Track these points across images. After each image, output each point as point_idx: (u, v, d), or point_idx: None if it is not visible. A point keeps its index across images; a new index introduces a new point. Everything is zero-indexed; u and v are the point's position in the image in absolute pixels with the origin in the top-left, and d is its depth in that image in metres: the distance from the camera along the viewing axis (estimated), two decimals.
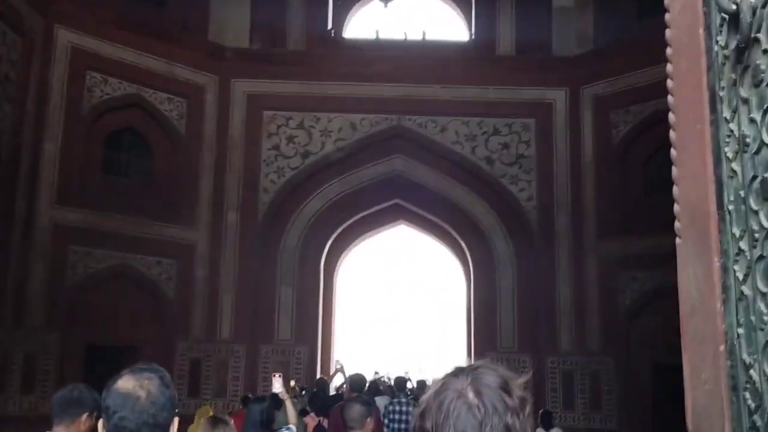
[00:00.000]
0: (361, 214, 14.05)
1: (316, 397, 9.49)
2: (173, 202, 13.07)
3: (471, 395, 1.26)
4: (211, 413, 9.90)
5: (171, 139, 13.33)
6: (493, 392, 1.27)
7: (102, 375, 2.15)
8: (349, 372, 11.23)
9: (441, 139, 13.63)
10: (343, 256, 14.98)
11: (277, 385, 6.03)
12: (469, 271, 13.88)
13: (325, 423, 8.23)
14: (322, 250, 13.77)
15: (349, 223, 14.11)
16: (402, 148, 13.81)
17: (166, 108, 13.24)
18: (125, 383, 1.85)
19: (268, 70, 13.63)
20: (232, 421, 4.18)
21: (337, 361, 11.56)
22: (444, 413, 1.25)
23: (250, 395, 10.11)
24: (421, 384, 13.38)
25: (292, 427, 5.75)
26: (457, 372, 1.31)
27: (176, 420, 1.92)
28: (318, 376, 12.70)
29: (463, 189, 13.68)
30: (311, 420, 8.55)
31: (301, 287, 13.42)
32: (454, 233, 13.97)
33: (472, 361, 1.36)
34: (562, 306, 12.89)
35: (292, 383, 10.21)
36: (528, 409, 1.29)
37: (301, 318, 13.28)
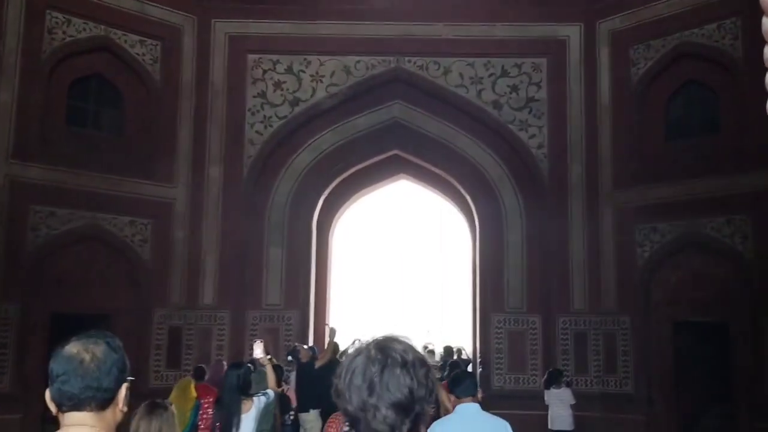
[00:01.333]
0: (356, 167, 12.86)
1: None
2: (148, 156, 11.85)
3: (374, 354, 1.49)
4: (193, 386, 9.00)
5: (144, 87, 12.03)
6: (395, 354, 1.48)
7: None
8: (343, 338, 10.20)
9: (444, 83, 12.38)
10: (338, 214, 13.85)
11: (258, 351, 6.07)
12: (475, 226, 12.80)
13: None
14: (315, 207, 12.62)
15: (343, 177, 12.93)
16: (401, 93, 12.57)
17: (138, 52, 11.91)
18: (70, 348, 1.78)
19: (253, 9, 12.28)
20: (173, 406, 3.96)
21: (329, 326, 10.51)
22: (351, 371, 1.49)
23: (203, 366, 9.52)
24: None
25: (270, 392, 5.70)
26: (369, 341, 1.54)
27: (125, 386, 1.82)
28: (310, 343, 11.71)
29: (468, 137, 12.50)
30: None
31: (292, 248, 12.31)
32: (458, 185, 12.83)
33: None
34: (574, 262, 11.86)
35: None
36: (425, 370, 1.49)
37: (291, 281, 12.21)
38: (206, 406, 6.90)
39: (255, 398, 5.39)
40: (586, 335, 11.74)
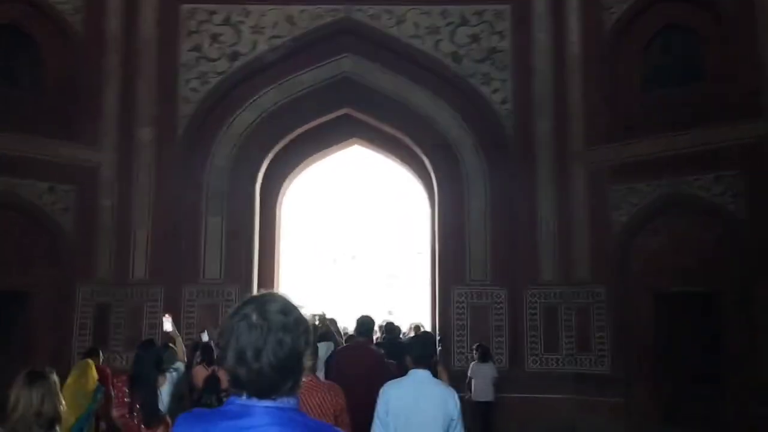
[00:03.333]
0: (304, 128, 11.68)
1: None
2: (70, 116, 10.70)
3: (254, 317, 1.52)
4: (93, 367, 7.89)
5: (65, 40, 10.87)
6: (272, 314, 1.53)
7: None
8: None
9: (397, 33, 11.19)
10: (287, 181, 12.66)
11: (168, 325, 6.29)
12: (433, 191, 11.62)
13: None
14: (257, 172, 11.45)
15: (290, 139, 11.75)
16: (351, 45, 11.39)
17: (56, 0, 10.74)
18: None
19: None
20: (55, 373, 3.58)
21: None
22: (231, 333, 1.53)
23: (97, 348, 8.62)
24: (390, 327, 11.30)
25: (180, 366, 5.79)
26: (248, 299, 1.58)
27: None
28: None
29: (425, 93, 11.32)
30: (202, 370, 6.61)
31: (233, 217, 11.16)
32: (414, 147, 11.65)
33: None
34: (543, 228, 10.70)
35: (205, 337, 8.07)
36: (302, 327, 1.56)
37: (232, 253, 11.06)
38: (120, 384, 6.46)
39: (167, 374, 5.52)
40: (557, 309, 10.60)
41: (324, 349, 6.85)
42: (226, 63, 11.23)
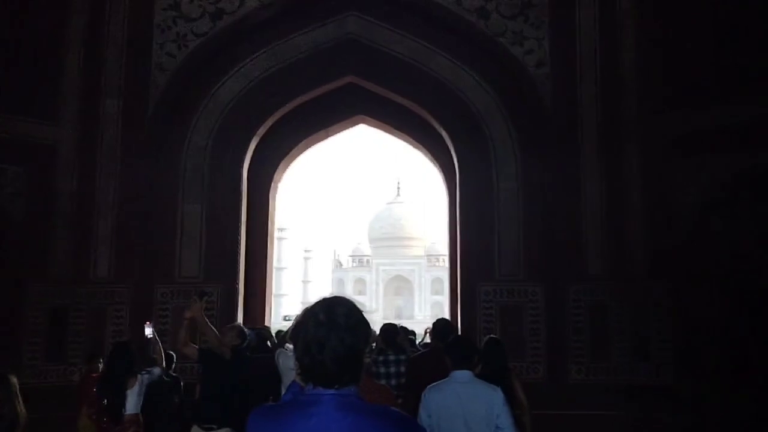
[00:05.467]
0: (300, 100, 9.91)
1: None
2: (22, 85, 8.96)
3: (321, 316, 1.79)
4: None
5: None
6: (338, 316, 1.79)
7: None
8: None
9: None
10: (282, 165, 10.88)
11: (148, 330, 6.21)
12: (454, 173, 9.80)
13: None
14: (245, 152, 9.67)
15: (284, 113, 9.98)
16: (356, 1, 9.66)
17: None
18: None
19: None
20: (15, 378, 3.87)
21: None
22: (300, 330, 1.81)
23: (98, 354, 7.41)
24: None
25: (155, 370, 5.83)
26: (320, 300, 1.86)
27: None
28: (237, 321, 8.74)
29: (446, 57, 9.55)
30: None
31: (214, 204, 9.38)
32: (432, 121, 9.85)
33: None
34: (589, 214, 8.87)
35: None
36: (363, 329, 1.81)
37: (214, 247, 9.27)
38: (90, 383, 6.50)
39: (139, 375, 5.54)
40: (607, 309, 8.73)
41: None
42: (208, 23, 9.50)
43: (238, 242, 9.39)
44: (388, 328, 6.50)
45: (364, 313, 1.83)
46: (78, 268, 8.98)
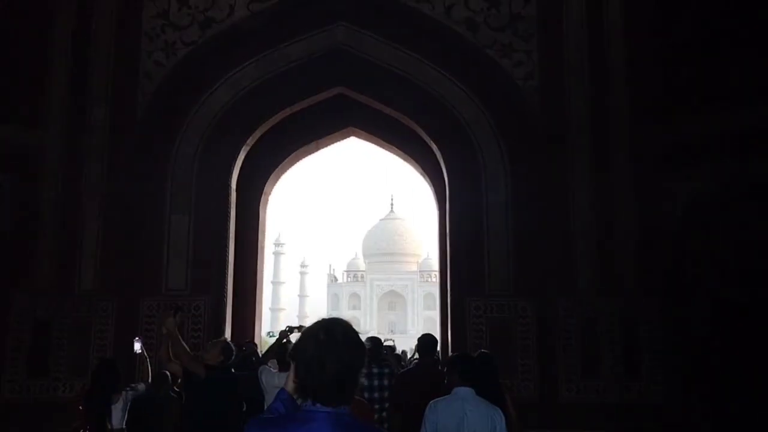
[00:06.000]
0: (289, 110, 9.85)
1: None
2: (6, 90, 8.85)
3: (321, 336, 1.90)
4: None
5: None
6: (337, 335, 1.89)
7: None
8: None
9: None
10: (272, 178, 10.80)
11: (137, 346, 6.54)
12: (444, 186, 9.76)
13: None
14: (234, 162, 9.58)
15: (273, 123, 9.91)
16: (346, 11, 9.63)
17: None
18: None
19: None
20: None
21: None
22: (301, 349, 1.92)
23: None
24: (391, 349, 9.33)
25: (140, 386, 6.01)
26: (319, 321, 1.96)
27: None
28: (224, 336, 8.64)
29: (435, 68, 9.52)
30: None
31: (202, 215, 9.26)
32: (422, 133, 9.81)
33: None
34: (579, 226, 8.85)
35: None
36: (360, 350, 1.93)
37: (202, 259, 9.15)
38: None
39: (123, 392, 5.65)
40: (597, 325, 8.69)
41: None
42: (197, 31, 9.44)
43: (226, 254, 9.27)
44: (373, 341, 6.42)
45: (359, 334, 1.95)
46: (62, 279, 8.82)
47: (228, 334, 8.99)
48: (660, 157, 8.46)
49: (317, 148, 11.18)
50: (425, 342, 5.93)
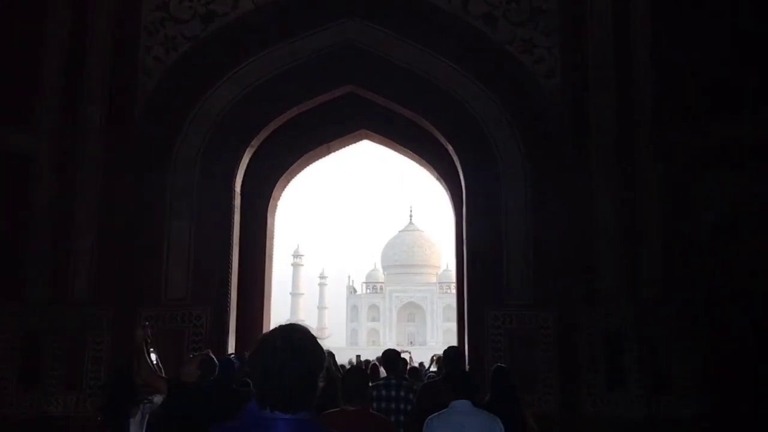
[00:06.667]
0: (297, 109, 9.35)
1: None
2: None
3: (278, 342, 1.89)
4: None
5: None
6: (294, 342, 1.89)
7: None
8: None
9: None
10: (280, 183, 10.27)
11: (153, 357, 5.47)
12: (461, 190, 9.27)
13: None
14: (237, 165, 9.06)
15: (280, 123, 9.40)
16: (357, 5, 9.13)
17: None
18: None
19: None
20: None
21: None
22: (258, 357, 1.91)
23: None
24: (404, 362, 8.94)
25: (156, 398, 5.31)
26: (276, 328, 1.96)
27: None
28: (229, 350, 8.15)
29: (451, 65, 9.03)
30: None
31: (204, 221, 8.74)
32: (436, 133, 9.32)
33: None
34: (603, 232, 8.37)
35: None
36: (318, 355, 1.92)
37: (203, 267, 8.63)
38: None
39: (141, 404, 5.38)
40: (622, 336, 8.22)
41: None
42: (200, 25, 8.93)
43: (229, 262, 8.75)
44: (390, 354, 6.53)
45: (318, 340, 1.95)
46: (54, 288, 8.30)
47: (231, 346, 8.49)
48: (690, 160, 7.98)
49: (329, 152, 10.66)
50: (451, 354, 6.19)
